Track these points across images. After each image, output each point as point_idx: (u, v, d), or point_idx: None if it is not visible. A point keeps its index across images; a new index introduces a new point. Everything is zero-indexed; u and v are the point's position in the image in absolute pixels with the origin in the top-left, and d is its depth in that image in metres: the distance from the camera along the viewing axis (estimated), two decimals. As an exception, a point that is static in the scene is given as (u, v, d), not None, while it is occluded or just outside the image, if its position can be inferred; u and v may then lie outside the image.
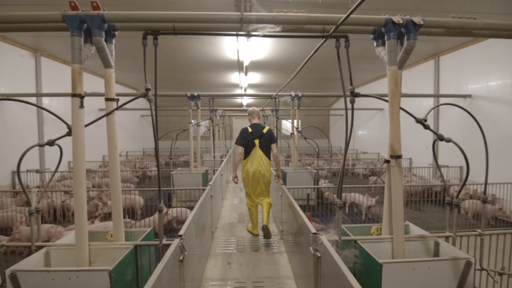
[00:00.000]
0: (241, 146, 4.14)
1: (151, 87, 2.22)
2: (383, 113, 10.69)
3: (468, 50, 6.82)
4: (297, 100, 6.04)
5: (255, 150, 4.14)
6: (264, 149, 4.18)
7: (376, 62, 8.57)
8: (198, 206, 3.18)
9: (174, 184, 5.94)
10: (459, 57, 7.14)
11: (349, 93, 2.26)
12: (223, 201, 6.67)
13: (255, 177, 4.14)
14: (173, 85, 11.83)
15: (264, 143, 4.17)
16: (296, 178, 6.00)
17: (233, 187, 8.34)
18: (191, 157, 6.09)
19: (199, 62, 8.29)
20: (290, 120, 6.43)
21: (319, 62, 8.41)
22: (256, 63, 8.23)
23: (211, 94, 6.08)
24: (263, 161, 4.15)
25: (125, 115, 12.39)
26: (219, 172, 5.74)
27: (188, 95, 5.89)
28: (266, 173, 4.16)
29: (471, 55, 6.74)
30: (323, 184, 6.62)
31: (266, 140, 4.17)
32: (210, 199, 4.19)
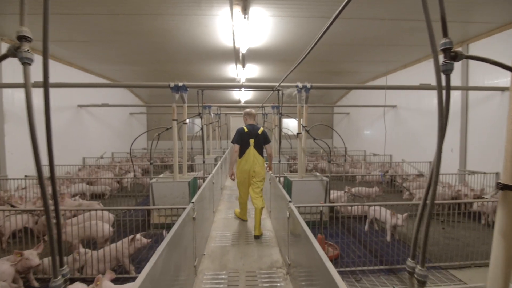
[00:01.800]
0: (237, 145, 4.44)
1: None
2: (396, 111, 9.60)
3: (506, 35, 5.73)
4: (305, 92, 4.95)
5: (249, 149, 4.42)
6: (258, 148, 4.48)
7: (394, 50, 7.49)
8: (168, 239, 2.10)
9: (154, 196, 4.84)
10: (493, 43, 6.05)
11: (441, 55, 1.17)
12: (216, 214, 5.57)
13: (249, 175, 4.43)
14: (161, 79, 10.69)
15: (258, 143, 4.47)
16: (304, 188, 4.91)
17: (229, 194, 7.23)
18: (174, 162, 4.98)
19: (190, 51, 7.19)
20: (295, 117, 5.35)
21: (325, 51, 7.33)
22: (254, 52, 7.13)
23: (199, 85, 4.99)
24: (257, 159, 4.44)
25: (112, 113, 11.27)
26: (209, 180, 4.64)
27: (171, 85, 4.78)
28: (260, 170, 4.44)
29: (509, 41, 5.66)
30: (335, 194, 5.53)
31: (260, 140, 4.48)
32: (192, 222, 3.10)
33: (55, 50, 7.22)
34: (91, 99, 9.46)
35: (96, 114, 10.19)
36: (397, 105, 9.52)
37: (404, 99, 9.20)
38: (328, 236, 4.47)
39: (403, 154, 9.14)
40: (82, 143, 9.35)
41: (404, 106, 9.22)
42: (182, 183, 4.85)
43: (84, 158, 9.43)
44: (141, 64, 8.66)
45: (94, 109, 9.97)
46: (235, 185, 8.20)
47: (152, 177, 5.13)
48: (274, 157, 8.74)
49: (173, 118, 4.93)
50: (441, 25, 1.13)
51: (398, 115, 9.50)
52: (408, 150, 8.92)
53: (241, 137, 4.44)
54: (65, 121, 8.57)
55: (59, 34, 6.10)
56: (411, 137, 8.82)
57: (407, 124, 9.04)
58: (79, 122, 9.25)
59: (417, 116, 8.53)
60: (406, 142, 9.01)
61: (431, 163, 7.82)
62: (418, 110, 8.45)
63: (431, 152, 8.00)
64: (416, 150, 8.50)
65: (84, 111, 9.50)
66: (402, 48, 7.31)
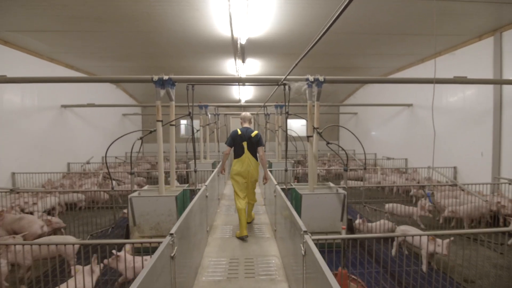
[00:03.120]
0: (228, 147, 4.58)
1: None
2: (412, 110, 8.71)
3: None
4: (317, 87, 4.08)
5: (243, 151, 4.49)
6: (252, 151, 4.52)
7: (413, 40, 6.61)
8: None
9: (135, 213, 3.99)
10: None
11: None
12: (210, 232, 4.70)
13: (244, 176, 4.52)
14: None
15: (251, 146, 4.50)
16: (316, 203, 4.05)
17: (227, 206, 6.36)
18: (160, 172, 4.12)
19: (182, 42, 6.33)
20: (304, 117, 4.50)
21: (334, 41, 6.46)
22: (255, 43, 6.27)
23: (189, 79, 4.12)
24: (251, 161, 4.52)
25: (102, 114, 10.44)
26: (200, 196, 3.77)
27: (155, 79, 3.93)
28: (254, 172, 4.55)
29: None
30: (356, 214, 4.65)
31: (253, 143, 4.50)
32: (170, 263, 2.23)
33: (31, 42, 6.40)
34: (77, 98, 8.63)
35: (84, 115, 9.36)
36: (413, 103, 8.62)
37: (421, 97, 8.30)
38: (347, 265, 3.59)
39: (421, 158, 8.24)
40: (67, 148, 8.52)
41: (421, 104, 8.32)
42: (167, 198, 3.99)
43: (69, 164, 8.60)
44: (131, 59, 7.81)
45: (81, 110, 9.14)
46: (233, 193, 7.37)
47: (134, 190, 4.27)
48: (278, 161, 7.87)
49: (157, 118, 4.07)
50: None
51: (415, 114, 8.60)
52: (426, 154, 8.01)
53: (234, 139, 4.51)
54: (47, 123, 7.74)
55: (31, 23, 5.28)
56: (430, 139, 7.90)
57: (425, 124, 8.14)
58: (63, 124, 8.42)
59: (438, 115, 7.63)
60: (424, 145, 8.11)
61: (455, 169, 6.93)
62: (438, 108, 7.56)
63: (456, 156, 7.15)
64: (436, 154, 7.58)
65: (69, 112, 8.67)
66: (423, 39, 6.43)
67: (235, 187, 4.59)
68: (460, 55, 6.75)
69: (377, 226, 4.51)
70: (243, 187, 4.54)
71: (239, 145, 4.47)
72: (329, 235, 4.25)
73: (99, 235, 4.45)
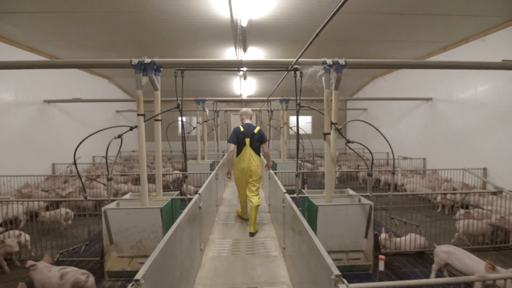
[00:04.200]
0: (232, 144, 4.39)
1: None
2: (431, 105, 7.87)
3: None
4: (336, 72, 3.28)
5: (245, 148, 4.39)
6: (254, 147, 4.42)
7: (434, 24, 5.77)
8: None
9: (111, 229, 3.22)
10: None
11: None
12: (205, 249, 3.93)
13: (246, 174, 4.42)
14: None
15: (254, 142, 4.40)
16: (335, 217, 3.27)
17: (226, 213, 5.58)
18: (142, 178, 3.34)
19: (175, 25, 5.54)
20: (315, 109, 3.71)
21: (347, 25, 5.64)
22: (258, 27, 5.47)
23: (177, 62, 3.32)
24: (254, 158, 4.40)
25: (93, 110, 9.68)
26: (191, 208, 2.99)
27: (134, 62, 3.15)
28: (257, 169, 4.43)
29: None
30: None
31: (256, 139, 4.40)
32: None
33: (4, 28, 5.62)
34: (63, 93, 7.88)
35: (72, 112, 8.60)
36: (433, 97, 7.79)
37: (442, 89, 7.47)
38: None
39: (442, 157, 7.42)
40: (52, 147, 7.76)
41: (442, 98, 7.48)
42: (151, 210, 3.22)
43: (54, 165, 7.85)
44: (118, 49, 7.03)
45: (68, 106, 8.39)
46: (235, 198, 6.60)
47: (112, 199, 3.50)
48: (283, 162, 7.08)
49: (138, 112, 3.30)
50: None
51: (435, 109, 7.77)
52: (448, 153, 7.20)
53: (237, 136, 4.40)
54: (27, 120, 6.98)
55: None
56: (452, 137, 7.09)
57: (447, 120, 7.32)
58: (47, 121, 7.66)
59: (462, 110, 6.80)
60: (446, 143, 7.29)
61: (485, 170, 6.11)
62: (465, 102, 6.73)
63: (486, 156, 6.29)
64: (461, 153, 6.78)
65: (53, 108, 7.92)
66: (451, 20, 5.59)
67: (237, 184, 4.63)
68: (493, 40, 5.90)
69: (406, 241, 3.74)
70: (244, 184, 4.53)
71: (242, 142, 4.39)
72: (350, 254, 3.48)
73: (71, 253, 3.69)
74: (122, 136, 3.43)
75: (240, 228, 4.73)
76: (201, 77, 10.24)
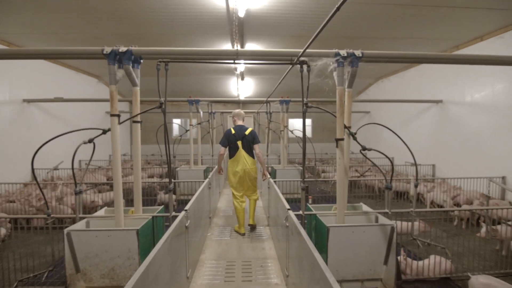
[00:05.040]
0: (223, 147, 4.37)
1: None
2: (441, 107, 7.37)
3: None
4: (351, 66, 2.74)
5: (239, 151, 4.36)
6: (247, 149, 4.39)
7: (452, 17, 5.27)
8: None
9: (77, 254, 2.63)
10: None
11: None
12: (194, 274, 3.32)
13: (240, 176, 4.37)
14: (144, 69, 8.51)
15: (247, 144, 4.38)
16: (349, 240, 2.71)
17: (221, 227, 4.98)
18: (116, 192, 2.75)
19: (164, 16, 4.97)
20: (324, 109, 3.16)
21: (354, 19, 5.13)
22: (256, 19, 4.93)
23: (159, 51, 2.73)
24: (247, 160, 4.36)
25: (82, 111, 9.07)
26: (175, 230, 2.40)
27: (106, 51, 2.58)
28: (251, 171, 4.40)
29: None
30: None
31: (248, 141, 4.37)
32: None
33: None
34: (46, 92, 7.26)
35: (55, 112, 7.97)
36: (443, 99, 7.29)
37: (454, 91, 6.97)
38: None
39: (453, 164, 6.90)
40: (32, 151, 7.10)
41: (454, 100, 6.98)
42: (125, 233, 2.63)
43: (35, 170, 7.19)
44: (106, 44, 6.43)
45: (51, 107, 7.76)
46: (230, 207, 6.00)
47: (81, 217, 2.90)
48: (284, 168, 6.52)
49: (111, 112, 2.72)
50: None
51: (445, 112, 7.26)
52: (460, 159, 6.68)
53: (228, 139, 4.38)
54: (4, 121, 6.36)
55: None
56: (465, 142, 6.58)
57: (459, 124, 6.81)
58: (27, 122, 7.04)
59: (477, 113, 6.30)
60: (458, 149, 6.77)
61: (504, 179, 5.59)
62: (480, 105, 6.22)
63: (503, 163, 5.72)
64: (475, 160, 6.26)
65: (34, 108, 7.29)
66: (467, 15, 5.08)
67: (232, 187, 4.53)
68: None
69: (429, 265, 3.18)
70: (240, 187, 4.45)
71: (234, 144, 4.35)
72: (366, 283, 2.91)
73: (32, 281, 3.07)
74: (94, 140, 2.86)
75: (236, 245, 4.15)
76: (196, 77, 9.68)
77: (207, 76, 9.72)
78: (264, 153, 7.87)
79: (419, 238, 3.16)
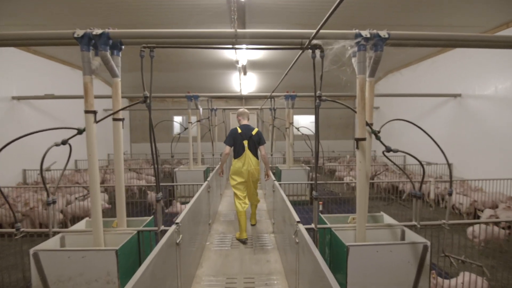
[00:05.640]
0: (228, 146, 4.28)
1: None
2: (460, 102, 6.82)
3: None
4: (375, 50, 2.26)
5: (244, 151, 4.26)
6: (252, 149, 4.32)
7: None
8: None
9: (47, 278, 2.20)
10: None
11: None
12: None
13: (245, 176, 4.27)
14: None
15: (253, 144, 4.32)
16: (373, 262, 2.24)
17: (222, 235, 4.54)
18: (93, 201, 2.32)
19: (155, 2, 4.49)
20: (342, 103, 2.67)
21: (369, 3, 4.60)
22: (260, 3, 4.41)
23: (142, 34, 2.25)
24: (252, 161, 4.29)
25: (76, 109, 8.63)
26: (160, 252, 1.96)
27: (78, 35, 2.13)
28: (255, 172, 4.32)
29: None
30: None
31: (254, 141, 4.32)
32: None
33: None
34: (37, 89, 6.86)
35: (46, 109, 7.56)
36: (462, 93, 6.73)
37: (474, 84, 6.41)
38: None
39: (473, 163, 6.37)
40: (22, 151, 6.73)
41: (476, 94, 6.42)
42: (102, 253, 2.19)
43: (25, 171, 6.84)
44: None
45: (42, 104, 7.37)
46: (232, 211, 5.56)
47: (55, 232, 2.47)
48: (289, 168, 6.06)
49: (85, 108, 2.27)
50: None
51: (464, 107, 6.72)
52: (482, 159, 6.15)
53: (234, 138, 4.28)
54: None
55: None
56: (487, 140, 6.04)
57: (480, 120, 6.27)
58: (16, 120, 6.65)
59: (502, 108, 5.75)
60: (479, 147, 6.23)
61: (535, 181, 5.05)
62: (503, 99, 5.68)
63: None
64: (498, 159, 5.72)
65: (24, 106, 6.90)
66: None
67: (234, 188, 4.36)
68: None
69: (464, 285, 2.71)
70: (243, 187, 4.32)
71: (240, 144, 4.25)
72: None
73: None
74: (68, 141, 2.42)
75: (238, 257, 3.71)
76: (196, 72, 9.21)
77: (208, 71, 9.25)
78: (268, 152, 7.42)
79: (452, 255, 2.69)
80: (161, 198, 2.43)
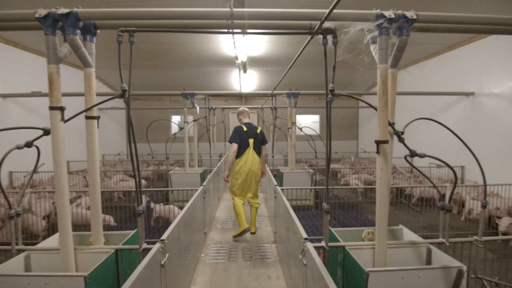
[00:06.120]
0: (235, 144, 4.15)
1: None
2: (473, 100, 6.42)
3: None
4: (399, 34, 1.87)
5: (248, 149, 4.19)
6: (256, 149, 4.26)
7: None
8: None
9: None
10: None
11: None
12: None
13: (248, 176, 4.20)
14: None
15: (257, 143, 4.26)
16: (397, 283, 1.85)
17: (218, 244, 4.16)
18: (60, 213, 1.93)
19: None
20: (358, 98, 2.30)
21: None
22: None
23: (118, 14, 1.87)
24: (256, 160, 4.23)
25: (69, 107, 8.24)
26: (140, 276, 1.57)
27: (40, 14, 1.74)
28: (258, 171, 4.26)
29: None
30: None
31: (259, 140, 4.28)
32: None
33: None
34: (27, 86, 6.48)
35: (36, 108, 7.18)
36: (475, 91, 6.34)
37: (488, 82, 6.02)
38: None
39: (488, 166, 5.95)
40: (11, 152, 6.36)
41: (490, 92, 6.03)
42: (67, 280, 1.80)
43: (12, 173, 6.46)
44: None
45: (31, 102, 6.99)
46: (231, 217, 5.17)
47: (17, 249, 2.09)
48: (291, 171, 5.67)
49: (51, 104, 1.90)
50: None
51: (477, 106, 6.32)
52: (497, 162, 5.75)
53: (241, 136, 4.14)
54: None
55: None
56: (504, 141, 5.65)
57: (496, 120, 5.88)
58: (3, 119, 6.27)
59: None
60: (494, 148, 5.84)
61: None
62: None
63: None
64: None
65: (11, 104, 6.52)
66: None
67: (234, 187, 4.25)
68: None
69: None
70: (241, 187, 4.21)
71: (245, 142, 4.17)
72: None
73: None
74: (34, 142, 2.04)
75: (236, 271, 3.33)
76: (193, 70, 8.82)
77: (206, 68, 8.86)
78: (269, 153, 7.06)
79: (485, 277, 2.30)
80: (143, 211, 2.05)
